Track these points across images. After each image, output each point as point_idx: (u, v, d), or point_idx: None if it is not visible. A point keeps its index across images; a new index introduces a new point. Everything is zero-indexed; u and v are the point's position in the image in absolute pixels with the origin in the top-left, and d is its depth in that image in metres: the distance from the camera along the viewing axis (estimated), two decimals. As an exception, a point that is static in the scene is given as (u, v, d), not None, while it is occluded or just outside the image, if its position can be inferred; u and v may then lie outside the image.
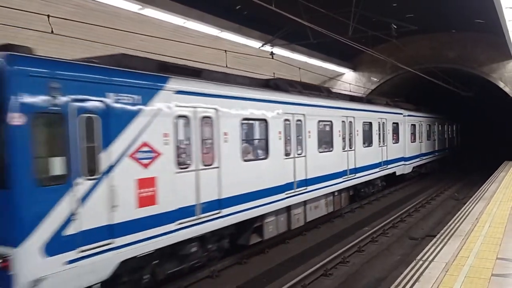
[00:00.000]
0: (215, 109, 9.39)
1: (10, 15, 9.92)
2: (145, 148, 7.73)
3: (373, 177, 18.54)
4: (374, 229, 13.76)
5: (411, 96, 31.94)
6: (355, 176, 16.47)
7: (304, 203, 13.10)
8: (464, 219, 10.70)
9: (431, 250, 8.13)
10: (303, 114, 12.86)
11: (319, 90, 15.27)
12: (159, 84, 8.15)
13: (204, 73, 9.81)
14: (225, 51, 14.71)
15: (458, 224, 10.13)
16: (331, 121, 14.69)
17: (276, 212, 11.63)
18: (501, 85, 25.87)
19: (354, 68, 28.79)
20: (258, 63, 19.82)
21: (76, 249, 6.57)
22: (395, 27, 17.65)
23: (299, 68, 20.62)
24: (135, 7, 12.77)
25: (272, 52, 18.77)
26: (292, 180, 12.20)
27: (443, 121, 33.37)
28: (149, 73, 8.10)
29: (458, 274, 6.77)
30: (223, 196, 9.47)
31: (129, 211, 7.39)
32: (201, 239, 9.29)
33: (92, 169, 6.87)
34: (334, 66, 26.40)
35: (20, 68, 6.12)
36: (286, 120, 12.05)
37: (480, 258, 7.54)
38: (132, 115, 7.52)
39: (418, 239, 13.08)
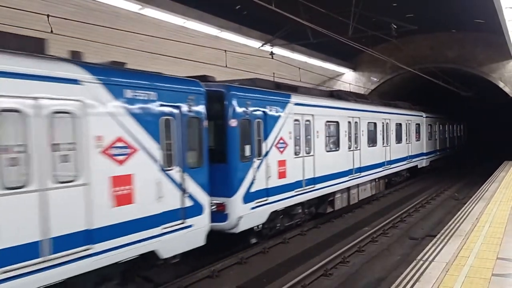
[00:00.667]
0: (312, 114, 13.61)
1: (9, 15, 9.91)
2: (281, 141, 12.08)
3: (401, 169, 22.81)
4: (374, 229, 13.74)
5: (411, 96, 31.96)
6: (390, 167, 20.77)
7: (358, 185, 17.10)
8: (464, 219, 10.70)
9: (431, 250, 8.12)
10: (359, 118, 16.99)
11: (366, 98, 19.79)
12: (287, 99, 12.55)
13: (300, 89, 14.16)
14: (225, 51, 14.72)
15: (458, 224, 10.13)
16: (375, 123, 18.85)
17: (341, 191, 15.72)
18: (501, 85, 25.88)
19: (354, 68, 28.79)
20: (258, 63, 19.83)
21: (254, 201, 10.91)
22: (395, 27, 17.66)
23: (299, 68, 20.63)
24: (135, 7, 12.76)
25: (272, 52, 18.77)
26: (352, 167, 16.35)
27: (452, 121, 37.27)
28: (283, 92, 12.67)
29: (459, 274, 6.77)
30: (316, 176, 13.70)
31: (275, 181, 11.71)
32: (302, 205, 13.39)
33: (259, 153, 11.19)
34: (334, 66, 26.41)
35: (233, 93, 10.49)
36: (349, 122, 16.17)
37: (480, 258, 7.54)
38: (276, 119, 11.88)
39: (418, 239, 13.06)
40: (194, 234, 8.79)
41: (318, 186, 13.78)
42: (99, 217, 6.91)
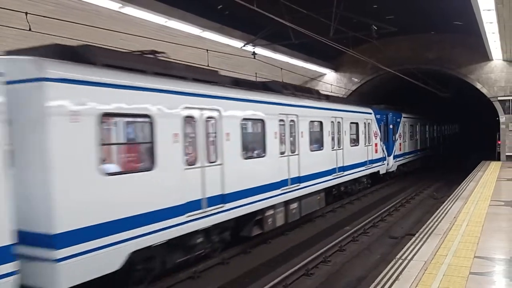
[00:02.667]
0: (407, 121, 27.54)
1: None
2: (400, 134, 26.04)
3: (432, 154, 36.34)
4: (355, 228, 13.87)
5: (392, 97, 32.34)
6: (427, 154, 34.50)
7: (418, 158, 31.39)
8: (443, 218, 10.89)
9: (410, 249, 8.25)
10: (418, 122, 31.07)
11: (430, 115, 35.69)
12: (402, 114, 26.58)
13: (397, 108, 26.42)
14: (207, 50, 14.67)
15: (436, 223, 10.31)
16: (425, 125, 33.95)
17: (413, 160, 29.65)
18: (479, 86, 26.37)
19: (336, 68, 29.00)
20: (240, 63, 19.82)
21: (395, 159, 24.90)
22: (376, 28, 17.83)
23: (281, 68, 20.69)
24: (115, 6, 12.62)
25: (254, 52, 18.77)
26: (418, 149, 31.07)
27: (453, 123, 51.98)
28: (400, 111, 26.22)
29: (437, 272, 6.88)
30: (408, 151, 28.07)
31: (398, 152, 25.45)
32: (402, 165, 26.78)
33: (395, 138, 24.75)
34: (316, 66, 26.57)
35: (390, 114, 24.21)
36: (416, 124, 30.32)
37: (458, 256, 7.68)
38: (398, 124, 25.65)
39: (398, 238, 13.21)
40: (384, 166, 22.70)
41: (407, 156, 27.86)
42: (370, 156, 20.24)
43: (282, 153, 12.46)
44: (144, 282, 8.52)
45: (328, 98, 17.15)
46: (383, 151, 22.53)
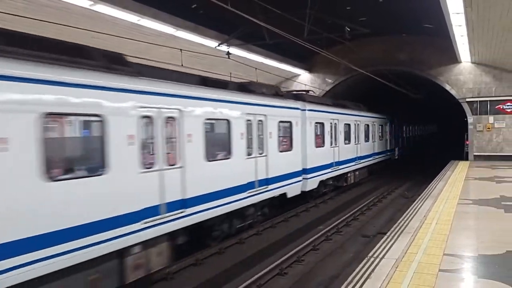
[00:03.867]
0: (403, 123, 39.10)
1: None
2: (401, 133, 37.44)
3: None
4: (328, 227, 13.99)
5: (366, 98, 32.78)
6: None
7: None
8: (413, 216, 11.09)
9: (382, 247, 8.37)
10: (397, 122, 37.40)
11: (413, 118, 45.41)
12: (402, 118, 38.18)
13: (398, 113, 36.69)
14: (181, 50, 14.57)
15: (407, 222, 10.49)
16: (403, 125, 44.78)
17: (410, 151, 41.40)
18: (448, 87, 26.96)
19: (310, 69, 29.21)
20: (214, 62, 19.76)
21: (399, 150, 35.71)
22: (349, 29, 18.05)
23: (256, 68, 20.73)
24: (86, 3, 12.40)
25: (228, 52, 18.74)
26: (414, 142, 47.05)
27: (431, 124, 61.47)
28: (400, 117, 36.47)
29: (407, 270, 7.01)
30: (407, 144, 41.59)
31: (400, 145, 37.59)
32: (402, 154, 36.91)
33: (397, 136, 36.18)
34: (290, 67, 26.70)
35: (395, 118, 34.76)
36: (393, 123, 37.37)
37: (428, 254, 7.84)
38: (400, 125, 36.68)
39: (370, 237, 13.40)
40: (394, 154, 33.69)
41: (405, 148, 37.57)
42: (388, 148, 32.10)
43: (354, 142, 22.56)
44: (312, 199, 18.32)
45: (367, 110, 26.48)
46: (393, 144, 33.08)
